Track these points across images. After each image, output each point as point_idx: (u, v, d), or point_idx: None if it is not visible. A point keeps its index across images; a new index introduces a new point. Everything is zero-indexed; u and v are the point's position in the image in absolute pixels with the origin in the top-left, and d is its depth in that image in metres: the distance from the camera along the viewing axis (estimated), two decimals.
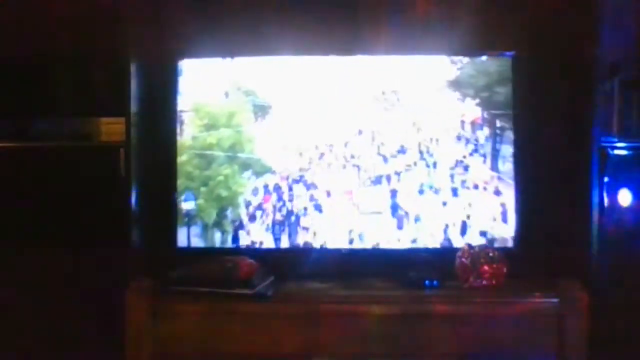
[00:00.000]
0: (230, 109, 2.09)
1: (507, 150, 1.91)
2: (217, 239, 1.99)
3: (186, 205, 2.08)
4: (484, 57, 2.07)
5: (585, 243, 2.30)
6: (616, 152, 2.39)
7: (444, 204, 1.90)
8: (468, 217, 1.93)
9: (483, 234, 1.97)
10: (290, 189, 2.06)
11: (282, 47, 2.28)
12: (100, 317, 2.41)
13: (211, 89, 2.10)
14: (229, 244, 2.05)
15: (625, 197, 2.41)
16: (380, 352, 2.20)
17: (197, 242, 2.04)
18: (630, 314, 2.37)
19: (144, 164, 2.45)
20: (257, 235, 2.01)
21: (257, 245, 2.05)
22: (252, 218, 2.00)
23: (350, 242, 2.02)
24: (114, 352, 2.23)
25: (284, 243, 2.05)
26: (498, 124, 1.91)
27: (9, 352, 2.47)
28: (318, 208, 2.01)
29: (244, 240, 2.02)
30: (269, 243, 2.02)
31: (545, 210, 2.41)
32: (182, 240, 2.12)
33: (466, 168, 1.93)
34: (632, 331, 2.35)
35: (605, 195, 2.36)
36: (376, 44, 2.50)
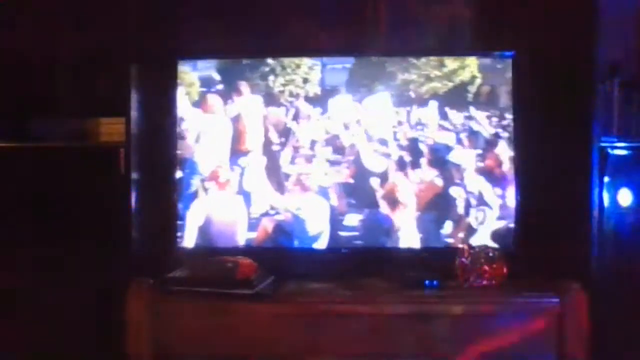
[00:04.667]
0: None
1: None
2: None
3: None
4: None
5: (585, 243, 2.29)
6: (616, 152, 2.39)
7: None
8: None
9: None
10: None
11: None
12: (100, 317, 2.41)
13: None
14: None
15: (625, 197, 2.41)
16: (381, 352, 2.20)
17: None
18: (631, 314, 2.36)
19: (144, 164, 2.45)
20: None
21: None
22: None
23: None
24: (114, 352, 2.23)
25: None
26: None
27: (9, 352, 2.46)
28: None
29: None
30: None
31: (545, 210, 2.42)
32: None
33: None
34: (633, 331, 2.35)
35: (605, 195, 2.36)
36: (375, 45, 2.54)
